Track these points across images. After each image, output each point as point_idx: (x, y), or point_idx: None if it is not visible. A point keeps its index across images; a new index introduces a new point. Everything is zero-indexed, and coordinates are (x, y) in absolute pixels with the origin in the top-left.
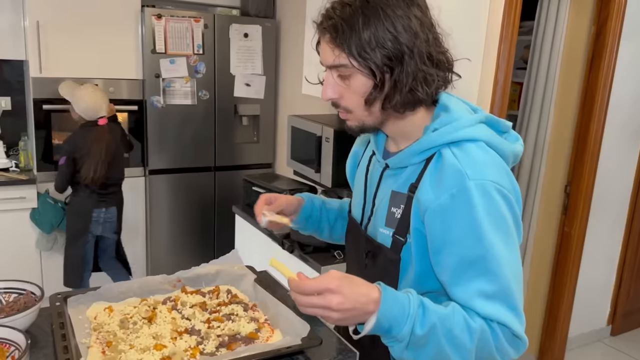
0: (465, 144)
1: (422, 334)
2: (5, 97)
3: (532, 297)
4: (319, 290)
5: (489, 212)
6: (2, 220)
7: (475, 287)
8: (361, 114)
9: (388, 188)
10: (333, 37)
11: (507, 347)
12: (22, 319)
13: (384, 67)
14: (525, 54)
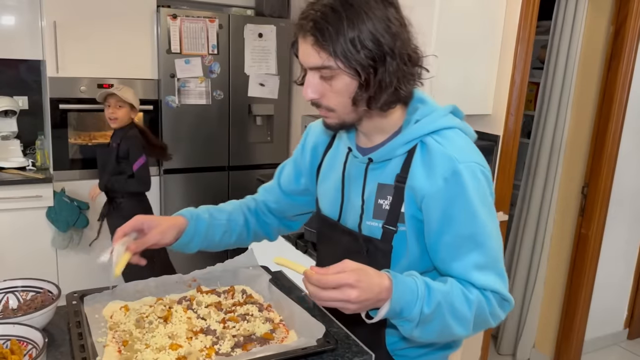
0: (444, 132)
1: (429, 312)
2: (23, 96)
3: (548, 299)
4: (339, 285)
5: (478, 191)
6: (18, 218)
7: (471, 260)
8: (343, 112)
9: (373, 181)
10: (318, 39)
11: (498, 310)
12: (39, 317)
13: (369, 68)
14: (542, 53)
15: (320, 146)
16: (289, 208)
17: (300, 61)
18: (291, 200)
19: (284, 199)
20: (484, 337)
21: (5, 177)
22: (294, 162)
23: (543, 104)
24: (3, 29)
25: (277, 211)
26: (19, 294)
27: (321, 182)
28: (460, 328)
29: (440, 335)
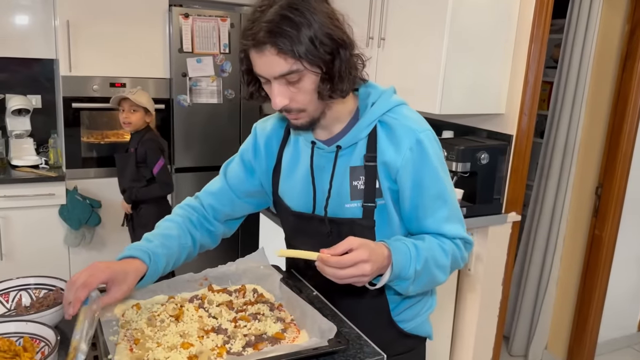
0: (396, 108)
1: (420, 268)
2: (36, 95)
3: (561, 301)
4: (355, 262)
5: (436, 154)
6: (31, 216)
7: (441, 215)
8: (313, 109)
9: (344, 166)
10: (280, 46)
11: (465, 253)
12: (52, 315)
13: (329, 62)
14: (555, 52)
15: (274, 145)
16: (240, 210)
17: (261, 74)
18: (244, 202)
19: (238, 201)
20: (495, 337)
21: (18, 175)
22: (243, 164)
23: (557, 103)
24: (17, 29)
25: (225, 215)
26: (31, 291)
27: (284, 180)
28: (442, 275)
29: (428, 285)
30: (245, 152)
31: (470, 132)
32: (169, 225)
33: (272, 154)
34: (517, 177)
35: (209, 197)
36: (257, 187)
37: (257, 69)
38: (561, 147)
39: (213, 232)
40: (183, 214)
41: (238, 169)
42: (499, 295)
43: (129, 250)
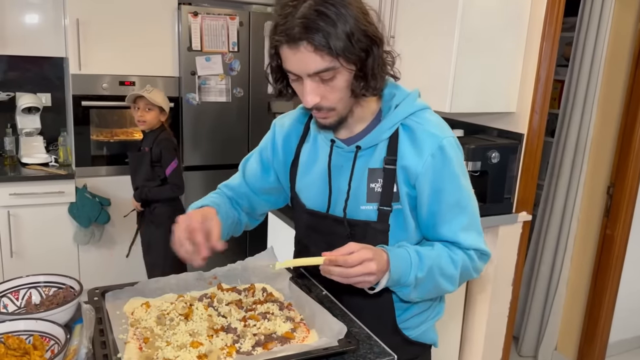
0: (420, 112)
1: (422, 276)
2: (46, 93)
3: (571, 301)
4: (362, 260)
5: (458, 161)
6: (41, 214)
7: (458, 223)
8: (343, 108)
9: (363, 167)
10: (317, 43)
11: (479, 264)
12: (61, 313)
13: (363, 59)
14: (566, 51)
15: (292, 142)
16: (258, 206)
17: (293, 71)
18: (260, 199)
19: (255, 198)
20: (505, 338)
21: (28, 173)
22: (260, 161)
23: (568, 102)
24: (27, 27)
25: (247, 209)
26: (41, 289)
27: (301, 177)
28: (449, 284)
29: (432, 293)
30: (263, 150)
31: (481, 130)
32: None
33: (291, 150)
34: (528, 176)
35: (229, 191)
36: (273, 184)
37: (289, 66)
38: (572, 146)
39: (241, 222)
40: (220, 194)
41: (255, 166)
42: (509, 296)
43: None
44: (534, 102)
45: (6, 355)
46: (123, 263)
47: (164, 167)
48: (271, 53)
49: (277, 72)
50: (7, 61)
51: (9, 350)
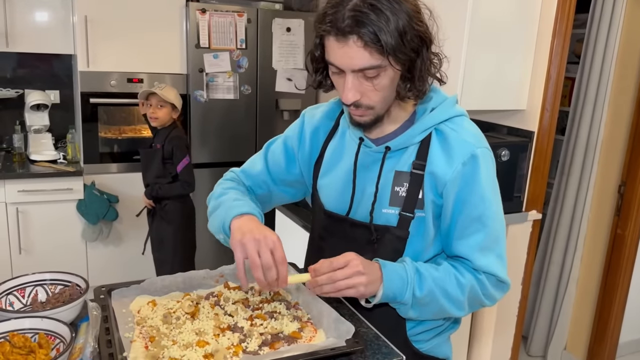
0: (456, 119)
1: (421, 296)
2: (54, 90)
3: (581, 300)
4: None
5: (489, 174)
6: (49, 211)
7: (475, 240)
8: (382, 108)
9: (390, 169)
10: (368, 39)
11: (492, 292)
12: (67, 312)
13: (413, 60)
14: (577, 48)
15: (320, 136)
16: (276, 197)
17: (336, 64)
18: (280, 190)
19: (275, 189)
20: (514, 337)
21: (37, 170)
22: (285, 151)
23: (578, 99)
24: (36, 25)
25: (261, 198)
26: (47, 287)
27: (323, 175)
28: (455, 309)
29: (436, 315)
30: (289, 139)
31: (491, 128)
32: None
33: (317, 145)
34: (538, 175)
35: (248, 179)
36: (296, 177)
37: (332, 58)
38: (583, 144)
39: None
40: (237, 185)
41: (280, 157)
42: (518, 295)
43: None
44: (544, 99)
45: (11, 354)
46: (131, 260)
47: (175, 164)
48: (315, 42)
49: (318, 62)
50: (16, 58)
51: (15, 348)
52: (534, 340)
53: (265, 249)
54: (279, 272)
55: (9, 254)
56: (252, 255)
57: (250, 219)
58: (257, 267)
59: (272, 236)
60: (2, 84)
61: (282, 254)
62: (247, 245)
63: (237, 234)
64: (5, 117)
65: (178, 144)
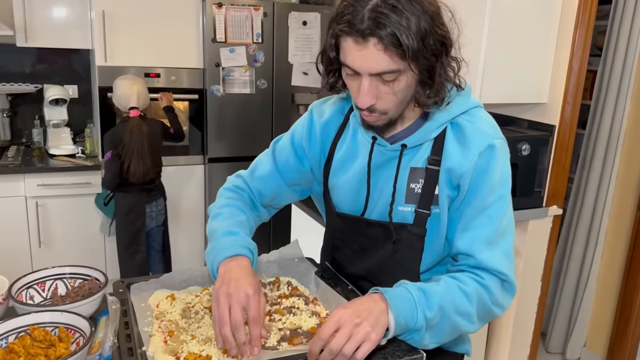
0: (472, 110)
1: (432, 315)
2: (73, 85)
3: (601, 297)
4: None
5: (504, 167)
6: (68, 204)
7: (480, 233)
8: (396, 112)
9: (406, 166)
10: (388, 42)
11: (499, 298)
12: (86, 306)
13: (433, 65)
14: (599, 39)
15: (330, 133)
16: (286, 197)
17: (353, 66)
18: (291, 189)
19: (286, 189)
20: (533, 334)
21: (56, 164)
22: (293, 149)
23: (600, 92)
24: (55, 20)
25: (269, 200)
26: (67, 280)
27: (335, 174)
28: (467, 323)
29: (450, 335)
30: (297, 135)
31: (511, 122)
32: (235, 212)
33: (327, 142)
34: (559, 169)
35: (256, 182)
36: (306, 175)
37: (349, 61)
38: (604, 138)
39: (259, 217)
40: (238, 197)
41: (289, 155)
42: (538, 291)
43: (234, 248)
44: (566, 92)
45: (32, 347)
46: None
47: None
48: (330, 42)
49: (332, 63)
50: (35, 54)
51: (35, 341)
52: (552, 337)
53: (236, 307)
54: (250, 333)
55: (28, 247)
56: (221, 309)
57: (237, 265)
58: (224, 323)
59: (247, 289)
60: (22, 79)
61: (254, 312)
62: (220, 299)
63: (217, 284)
64: (25, 112)
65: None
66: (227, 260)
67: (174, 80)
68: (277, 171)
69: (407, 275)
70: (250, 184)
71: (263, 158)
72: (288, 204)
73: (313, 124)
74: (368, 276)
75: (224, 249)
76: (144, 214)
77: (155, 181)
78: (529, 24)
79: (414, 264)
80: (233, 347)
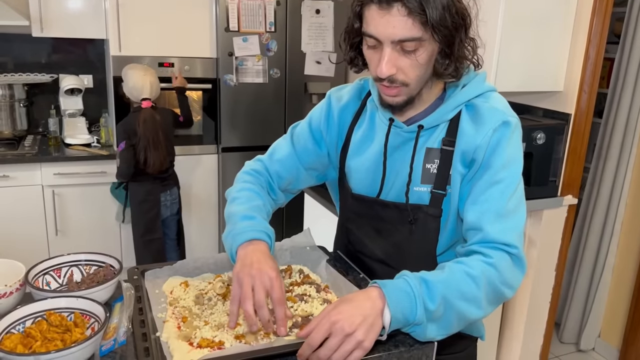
0: (487, 94)
1: (435, 307)
2: (88, 75)
3: (617, 286)
4: (325, 330)
5: (517, 144)
6: (84, 193)
7: (491, 206)
8: (416, 86)
9: (422, 147)
10: (412, 8)
11: (509, 277)
12: (101, 292)
13: (454, 36)
14: (617, 27)
15: (347, 118)
16: (303, 181)
17: (376, 34)
18: (308, 173)
19: (303, 172)
20: (546, 324)
21: (71, 154)
22: (311, 134)
23: (617, 81)
24: (69, 10)
25: (287, 183)
26: (82, 267)
27: (351, 157)
28: (475, 309)
29: (458, 325)
30: (315, 120)
31: (526, 110)
32: (252, 196)
33: (344, 126)
34: (574, 158)
35: (275, 164)
36: (323, 159)
37: (372, 29)
38: (621, 127)
39: (275, 201)
40: (255, 181)
41: (307, 139)
42: (552, 281)
43: (252, 232)
44: (582, 80)
45: (49, 332)
46: None
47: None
48: (355, 11)
49: (354, 35)
50: (50, 44)
51: (52, 326)
52: (566, 327)
53: (260, 287)
54: (276, 314)
55: (45, 235)
56: (245, 289)
57: (256, 249)
58: (247, 299)
59: (270, 273)
60: (37, 69)
61: (278, 294)
62: (243, 280)
63: (238, 266)
64: (41, 101)
65: (119, 123)
66: (245, 244)
67: (188, 70)
68: (295, 155)
69: (424, 256)
70: (269, 167)
71: (281, 142)
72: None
73: (331, 109)
74: (386, 259)
75: (242, 232)
76: (158, 203)
77: (169, 170)
78: (545, 10)
79: (431, 245)
80: (253, 323)
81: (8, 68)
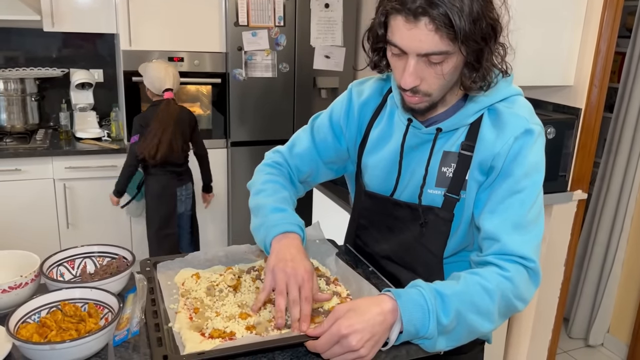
0: (512, 98)
1: (448, 322)
2: (98, 69)
3: (626, 282)
4: (333, 340)
5: (539, 152)
6: (94, 187)
7: (510, 216)
8: (439, 95)
9: (439, 150)
10: (440, 23)
11: (524, 291)
12: (114, 283)
13: (482, 48)
14: (629, 21)
15: (367, 113)
16: (322, 175)
17: (401, 45)
18: (327, 167)
19: (322, 167)
20: (555, 319)
21: (82, 147)
22: (332, 127)
23: (629, 75)
24: (80, 5)
25: (306, 176)
26: (95, 259)
27: (368, 154)
28: (486, 323)
29: (467, 338)
30: (335, 113)
31: (536, 105)
32: (278, 188)
33: (364, 122)
34: (584, 153)
35: (295, 158)
36: (342, 153)
37: (398, 40)
38: (632, 122)
39: (296, 193)
40: (278, 173)
41: (327, 133)
42: (561, 277)
43: (286, 225)
44: (593, 75)
45: (63, 322)
46: None
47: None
48: (379, 20)
49: (378, 42)
50: (61, 38)
51: (66, 316)
52: (575, 323)
53: (294, 285)
54: (302, 310)
55: (57, 228)
56: (279, 285)
57: (290, 244)
58: (281, 295)
59: (303, 272)
60: (49, 64)
61: (308, 292)
62: (277, 275)
63: (273, 259)
64: (52, 95)
65: (136, 117)
66: (279, 237)
67: (197, 64)
68: (315, 148)
69: (431, 258)
70: (289, 160)
71: (302, 135)
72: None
73: (352, 104)
74: (393, 257)
75: (275, 225)
76: (174, 197)
77: (184, 165)
78: (556, 4)
79: (439, 248)
80: (281, 317)
81: (20, 62)
